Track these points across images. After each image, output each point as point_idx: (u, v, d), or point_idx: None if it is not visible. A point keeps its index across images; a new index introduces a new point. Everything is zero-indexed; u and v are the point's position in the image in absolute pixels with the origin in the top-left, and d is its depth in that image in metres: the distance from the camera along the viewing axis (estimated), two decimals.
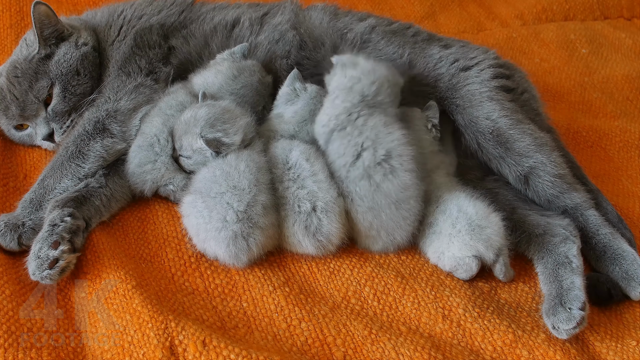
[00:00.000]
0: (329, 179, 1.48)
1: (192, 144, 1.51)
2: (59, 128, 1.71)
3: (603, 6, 3.02)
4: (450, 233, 1.46)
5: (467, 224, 1.45)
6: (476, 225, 1.45)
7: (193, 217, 1.42)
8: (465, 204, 1.48)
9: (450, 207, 1.49)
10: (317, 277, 1.45)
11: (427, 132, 1.65)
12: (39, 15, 1.68)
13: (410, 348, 1.27)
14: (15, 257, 1.43)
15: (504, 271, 1.46)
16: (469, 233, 1.44)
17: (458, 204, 1.49)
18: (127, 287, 1.33)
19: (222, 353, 1.20)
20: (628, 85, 2.48)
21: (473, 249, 1.44)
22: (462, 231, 1.45)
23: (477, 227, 1.44)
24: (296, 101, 1.61)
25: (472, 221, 1.45)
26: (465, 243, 1.44)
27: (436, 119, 1.68)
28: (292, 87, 1.62)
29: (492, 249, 1.44)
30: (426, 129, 1.65)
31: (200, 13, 1.89)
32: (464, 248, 1.44)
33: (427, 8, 2.87)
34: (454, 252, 1.45)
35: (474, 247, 1.43)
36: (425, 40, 1.89)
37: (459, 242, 1.44)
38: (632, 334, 1.38)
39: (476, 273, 1.46)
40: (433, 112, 1.69)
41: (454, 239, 1.45)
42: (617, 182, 1.95)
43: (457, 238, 1.45)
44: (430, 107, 1.70)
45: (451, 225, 1.46)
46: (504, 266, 1.46)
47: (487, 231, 1.44)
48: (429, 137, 1.65)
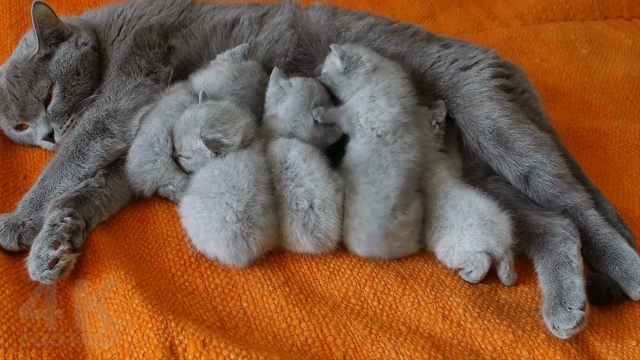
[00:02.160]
0: (326, 177, 1.48)
1: (192, 145, 1.51)
2: (59, 128, 1.71)
3: (603, 6, 3.01)
4: (462, 226, 1.47)
5: (480, 219, 1.46)
6: (488, 220, 1.46)
7: (192, 218, 1.42)
8: (477, 200, 1.49)
9: (462, 202, 1.49)
10: (317, 277, 1.45)
11: (430, 128, 1.67)
12: (39, 15, 1.68)
13: (410, 348, 1.27)
14: (15, 257, 1.43)
15: (509, 272, 1.46)
16: (480, 227, 1.45)
17: (469, 199, 1.50)
18: (127, 287, 1.33)
19: (222, 353, 1.20)
20: (628, 85, 2.48)
21: (484, 244, 1.44)
22: (474, 225, 1.46)
23: (490, 222, 1.46)
24: (285, 98, 1.61)
25: (484, 216, 1.46)
26: (477, 237, 1.45)
27: (442, 117, 1.70)
28: (278, 85, 1.62)
29: (502, 246, 1.45)
30: (430, 125, 1.67)
31: (200, 13, 1.89)
32: (476, 242, 1.45)
33: (427, 8, 2.87)
34: (465, 247, 1.45)
35: (486, 241, 1.44)
36: (425, 39, 1.89)
37: (471, 235, 1.45)
38: (632, 334, 1.38)
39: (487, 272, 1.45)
40: (440, 111, 1.71)
41: (466, 232, 1.46)
42: (617, 182, 1.95)
43: (468, 231, 1.46)
44: (438, 106, 1.72)
45: (463, 219, 1.47)
46: (508, 265, 1.46)
47: (499, 227, 1.46)
48: (432, 133, 1.66)
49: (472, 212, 1.47)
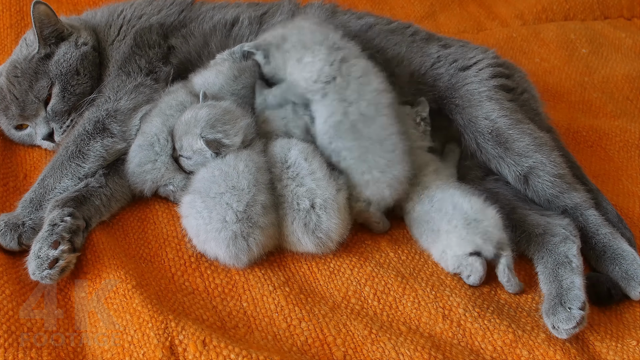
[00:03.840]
0: (327, 177, 1.48)
1: (192, 145, 1.51)
2: (59, 128, 1.71)
3: (603, 6, 3.02)
4: (447, 230, 1.46)
5: (463, 219, 1.45)
6: (472, 219, 1.45)
7: (192, 218, 1.42)
8: (460, 200, 1.49)
9: (446, 205, 1.49)
10: (317, 276, 1.45)
11: (415, 127, 1.67)
12: (39, 15, 1.68)
13: (410, 348, 1.27)
14: (15, 256, 1.43)
15: (508, 275, 1.43)
16: (464, 227, 1.44)
17: (453, 201, 1.49)
18: (127, 287, 1.33)
19: (222, 353, 1.20)
20: (628, 85, 2.48)
21: (471, 244, 1.43)
22: (458, 226, 1.45)
23: (473, 220, 1.45)
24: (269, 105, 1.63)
25: (467, 215, 1.45)
26: (462, 238, 1.44)
27: (425, 112, 1.71)
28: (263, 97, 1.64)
29: (490, 242, 1.43)
30: (414, 123, 1.67)
31: (199, 12, 1.89)
32: (462, 243, 1.44)
33: (427, 8, 2.87)
34: (455, 250, 1.45)
35: (472, 241, 1.43)
36: (424, 39, 1.89)
37: (456, 237, 1.45)
38: (632, 334, 1.38)
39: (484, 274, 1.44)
40: (422, 107, 1.72)
41: (451, 235, 1.45)
42: (617, 182, 1.95)
43: (453, 234, 1.45)
44: (420, 103, 1.73)
45: (447, 222, 1.47)
46: (507, 268, 1.43)
47: (484, 224, 1.44)
48: (417, 132, 1.66)
49: (456, 213, 1.46)
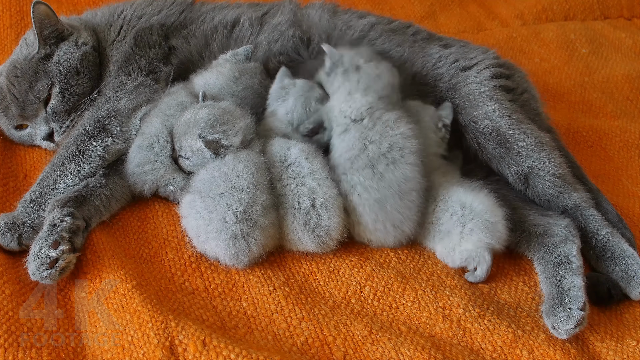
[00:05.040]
0: (329, 177, 1.48)
1: (192, 145, 1.51)
2: (59, 128, 1.71)
3: (603, 6, 3.02)
4: (461, 232, 1.47)
5: (480, 222, 1.46)
6: (489, 222, 1.46)
7: (192, 219, 1.42)
8: (469, 199, 1.49)
9: (454, 205, 1.49)
10: (317, 276, 1.45)
11: (435, 131, 1.65)
12: (39, 15, 1.68)
13: (410, 348, 1.27)
14: (15, 257, 1.43)
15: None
16: (482, 231, 1.46)
17: (459, 199, 1.49)
18: (127, 287, 1.33)
19: (222, 353, 1.20)
20: (628, 85, 2.48)
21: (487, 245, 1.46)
22: (474, 230, 1.46)
23: (490, 223, 1.46)
24: (287, 97, 1.61)
25: (484, 219, 1.46)
26: (479, 240, 1.45)
27: (449, 119, 1.69)
28: (281, 84, 1.63)
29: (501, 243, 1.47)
30: (435, 128, 1.66)
31: (200, 13, 1.89)
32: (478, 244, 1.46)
33: (427, 8, 2.88)
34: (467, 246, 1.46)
35: (490, 244, 1.46)
36: (425, 39, 1.89)
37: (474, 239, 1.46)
38: (632, 334, 1.38)
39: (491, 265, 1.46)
40: (447, 113, 1.70)
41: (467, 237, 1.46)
42: (617, 182, 1.95)
43: (470, 236, 1.46)
44: (445, 107, 1.71)
45: (461, 224, 1.47)
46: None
47: (499, 226, 1.47)
48: (436, 137, 1.65)
49: (468, 214, 1.47)
